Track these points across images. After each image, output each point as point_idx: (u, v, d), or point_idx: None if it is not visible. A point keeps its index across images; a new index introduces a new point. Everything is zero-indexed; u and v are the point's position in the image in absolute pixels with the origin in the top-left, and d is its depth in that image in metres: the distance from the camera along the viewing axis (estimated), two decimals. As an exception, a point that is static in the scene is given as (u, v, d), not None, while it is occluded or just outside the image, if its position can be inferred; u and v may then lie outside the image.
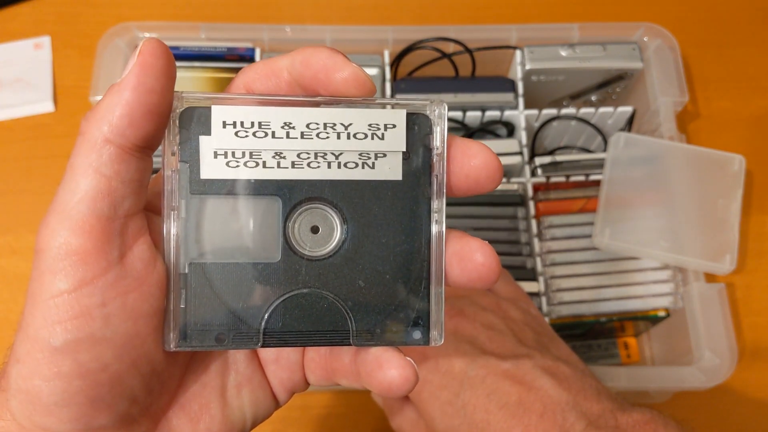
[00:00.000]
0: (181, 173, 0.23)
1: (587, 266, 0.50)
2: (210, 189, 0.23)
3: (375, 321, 0.24)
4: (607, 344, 0.56)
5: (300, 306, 0.24)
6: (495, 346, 0.35)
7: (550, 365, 0.34)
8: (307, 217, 0.24)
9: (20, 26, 0.67)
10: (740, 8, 0.71)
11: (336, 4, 0.70)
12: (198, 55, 0.56)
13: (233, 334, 0.24)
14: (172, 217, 0.23)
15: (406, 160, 0.25)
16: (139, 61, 0.21)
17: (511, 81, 0.56)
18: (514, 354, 0.34)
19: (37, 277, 0.22)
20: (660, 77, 0.57)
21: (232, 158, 0.23)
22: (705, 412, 0.54)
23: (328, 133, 0.24)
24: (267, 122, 0.23)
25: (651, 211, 0.51)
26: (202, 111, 0.23)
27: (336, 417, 0.53)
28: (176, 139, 0.23)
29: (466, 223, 0.51)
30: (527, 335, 0.36)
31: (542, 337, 0.37)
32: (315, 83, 0.23)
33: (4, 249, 0.58)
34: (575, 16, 0.69)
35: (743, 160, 0.53)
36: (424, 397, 0.34)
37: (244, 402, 0.26)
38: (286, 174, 0.24)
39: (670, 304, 0.50)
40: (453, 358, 0.34)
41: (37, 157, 0.61)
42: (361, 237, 0.24)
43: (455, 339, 0.35)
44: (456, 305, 0.37)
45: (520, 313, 0.37)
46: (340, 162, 0.24)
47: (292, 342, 0.24)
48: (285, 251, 0.24)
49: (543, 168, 0.53)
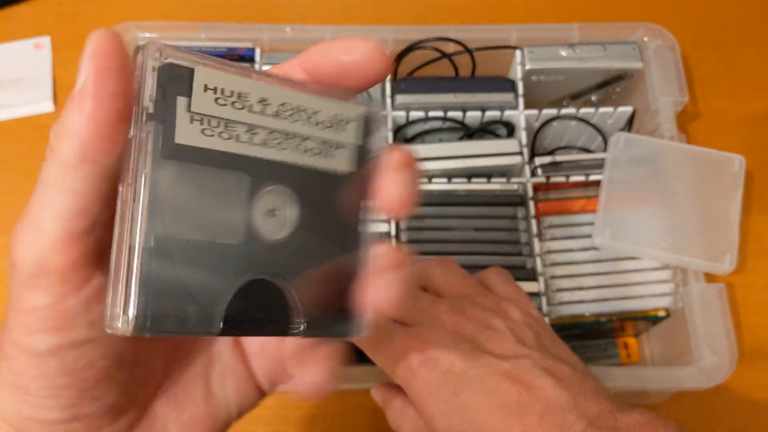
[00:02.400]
0: (154, 134, 0.21)
1: (587, 266, 0.50)
2: (181, 156, 0.21)
3: (318, 313, 0.24)
4: (606, 344, 0.56)
5: (257, 293, 0.23)
6: (495, 346, 0.35)
7: (550, 365, 0.34)
8: (270, 198, 0.23)
9: (20, 26, 0.67)
10: (740, 8, 0.71)
11: (336, 4, 0.70)
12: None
13: (194, 319, 0.22)
14: (141, 182, 0.20)
15: (360, 155, 0.24)
16: (94, 64, 0.19)
17: (511, 81, 0.56)
18: (514, 354, 0.34)
19: (16, 291, 0.21)
20: (660, 77, 0.57)
21: (208, 126, 0.22)
22: (705, 412, 0.54)
23: (299, 118, 0.23)
24: (246, 94, 0.22)
25: (651, 211, 0.51)
26: (183, 70, 0.21)
27: (334, 416, 0.53)
28: (152, 96, 0.20)
29: (466, 223, 0.51)
30: (527, 335, 0.36)
31: (542, 338, 0.37)
32: (333, 70, 0.23)
33: (4, 249, 0.58)
34: (575, 16, 0.69)
35: (743, 160, 0.53)
36: (423, 396, 0.34)
37: (228, 392, 0.26)
38: (257, 152, 0.23)
39: (670, 304, 0.50)
40: (453, 358, 0.34)
41: (37, 157, 0.61)
42: (315, 225, 0.24)
43: (455, 338, 0.35)
44: (457, 304, 0.37)
45: (520, 313, 0.37)
46: (305, 147, 0.24)
47: (250, 331, 0.23)
48: (248, 232, 0.23)
49: (543, 168, 0.53)
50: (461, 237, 0.50)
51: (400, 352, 0.35)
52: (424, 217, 0.51)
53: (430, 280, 0.40)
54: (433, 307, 0.37)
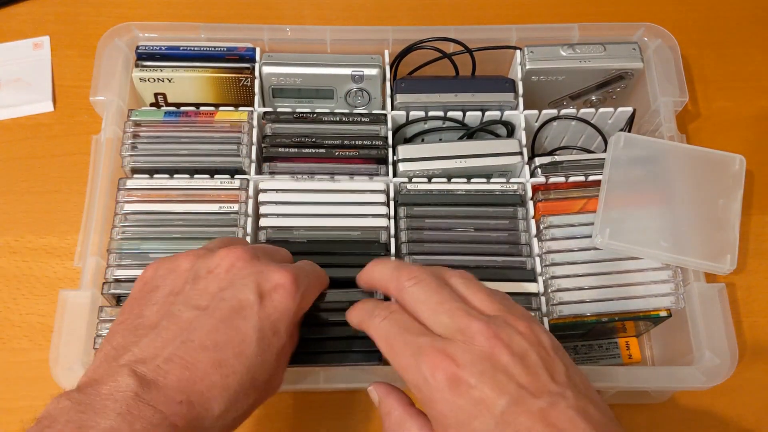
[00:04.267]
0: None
1: (587, 266, 0.50)
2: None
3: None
4: (608, 344, 0.56)
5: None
6: (529, 380, 0.33)
7: (581, 407, 0.33)
8: None
9: (20, 26, 0.67)
10: (740, 8, 0.71)
11: (336, 4, 0.70)
12: (198, 55, 0.56)
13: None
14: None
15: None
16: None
17: (511, 81, 0.56)
18: (549, 391, 0.33)
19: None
20: (660, 77, 0.57)
21: None
22: (705, 412, 0.54)
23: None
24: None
25: (651, 211, 0.51)
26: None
27: (334, 416, 0.53)
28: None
29: (466, 223, 0.51)
30: (558, 368, 0.35)
31: (570, 369, 0.35)
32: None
33: (4, 249, 0.58)
34: (575, 16, 0.70)
35: (743, 160, 0.53)
36: (450, 423, 0.33)
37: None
38: None
39: (671, 304, 0.50)
40: (487, 388, 0.33)
41: (37, 156, 0.61)
42: None
43: (491, 366, 0.33)
44: (491, 325, 0.35)
45: (548, 338, 0.36)
46: None
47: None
48: None
49: (543, 168, 0.53)
50: (461, 237, 0.50)
51: (427, 367, 0.33)
52: (424, 217, 0.51)
53: (452, 286, 0.38)
54: (466, 320, 0.35)
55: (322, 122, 0.54)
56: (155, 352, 0.34)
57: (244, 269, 0.37)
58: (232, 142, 0.52)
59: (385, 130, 0.54)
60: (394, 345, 0.36)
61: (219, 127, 0.52)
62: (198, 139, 0.52)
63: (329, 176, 0.52)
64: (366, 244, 0.49)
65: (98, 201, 0.50)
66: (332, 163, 0.52)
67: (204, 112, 0.53)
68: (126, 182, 0.50)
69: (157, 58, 0.56)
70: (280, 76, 0.55)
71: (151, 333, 0.35)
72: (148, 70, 0.55)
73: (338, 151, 0.52)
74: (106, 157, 0.51)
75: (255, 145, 0.52)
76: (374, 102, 0.57)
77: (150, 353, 0.34)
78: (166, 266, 0.38)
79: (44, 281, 0.56)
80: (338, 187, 0.51)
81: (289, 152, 0.52)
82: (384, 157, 0.52)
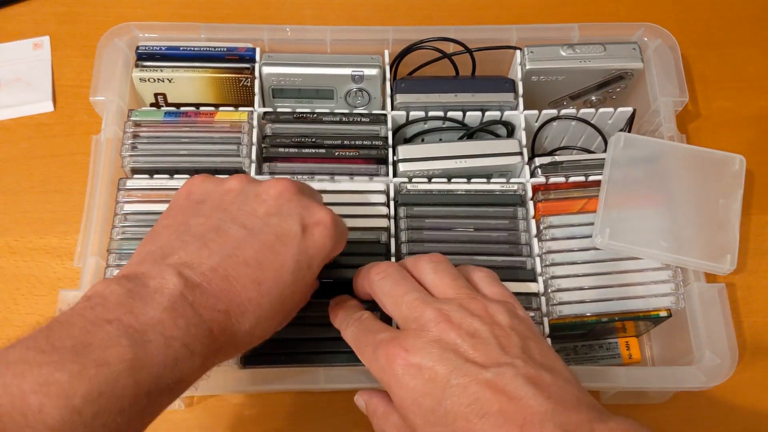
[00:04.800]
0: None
1: (587, 266, 0.50)
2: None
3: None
4: (608, 344, 0.56)
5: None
6: (478, 354, 0.35)
7: (531, 374, 0.34)
8: None
9: (20, 26, 0.67)
10: (740, 8, 0.71)
11: (336, 4, 0.70)
12: (198, 55, 0.56)
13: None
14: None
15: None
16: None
17: (511, 81, 0.56)
18: (497, 362, 0.34)
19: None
20: (660, 77, 0.57)
21: None
22: (705, 412, 0.54)
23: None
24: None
25: (651, 211, 0.51)
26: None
27: (334, 416, 0.53)
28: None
29: (466, 223, 0.51)
30: (512, 341, 0.36)
31: (528, 342, 0.36)
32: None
33: (4, 249, 0.58)
34: (575, 16, 0.70)
35: (743, 160, 0.53)
36: (408, 404, 0.35)
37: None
38: None
39: (671, 304, 0.50)
40: (436, 366, 0.34)
41: (37, 156, 0.61)
42: None
43: (440, 347, 0.35)
44: (443, 310, 0.37)
45: (507, 317, 0.37)
46: None
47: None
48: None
49: (543, 168, 0.53)
50: (461, 237, 0.50)
51: (385, 359, 0.36)
52: (424, 217, 0.51)
53: (421, 275, 0.40)
54: (421, 308, 0.37)
55: (322, 122, 0.54)
56: (201, 260, 0.35)
57: (291, 201, 0.39)
58: (232, 143, 0.52)
59: (385, 131, 0.54)
60: (359, 346, 0.39)
61: (219, 127, 0.52)
62: (198, 140, 0.52)
63: (329, 176, 0.52)
64: (366, 245, 0.49)
65: (98, 201, 0.50)
66: (332, 164, 0.52)
67: (204, 112, 0.53)
68: (126, 182, 0.50)
69: (157, 58, 0.56)
70: (280, 76, 0.55)
71: (197, 242, 0.36)
72: (148, 70, 0.55)
73: (338, 152, 0.52)
74: (106, 157, 0.51)
75: (255, 145, 0.52)
76: (374, 102, 0.57)
77: (196, 260, 0.35)
78: (213, 182, 0.40)
79: (44, 281, 0.56)
80: (338, 188, 0.51)
81: (289, 152, 0.52)
82: (384, 158, 0.52)
